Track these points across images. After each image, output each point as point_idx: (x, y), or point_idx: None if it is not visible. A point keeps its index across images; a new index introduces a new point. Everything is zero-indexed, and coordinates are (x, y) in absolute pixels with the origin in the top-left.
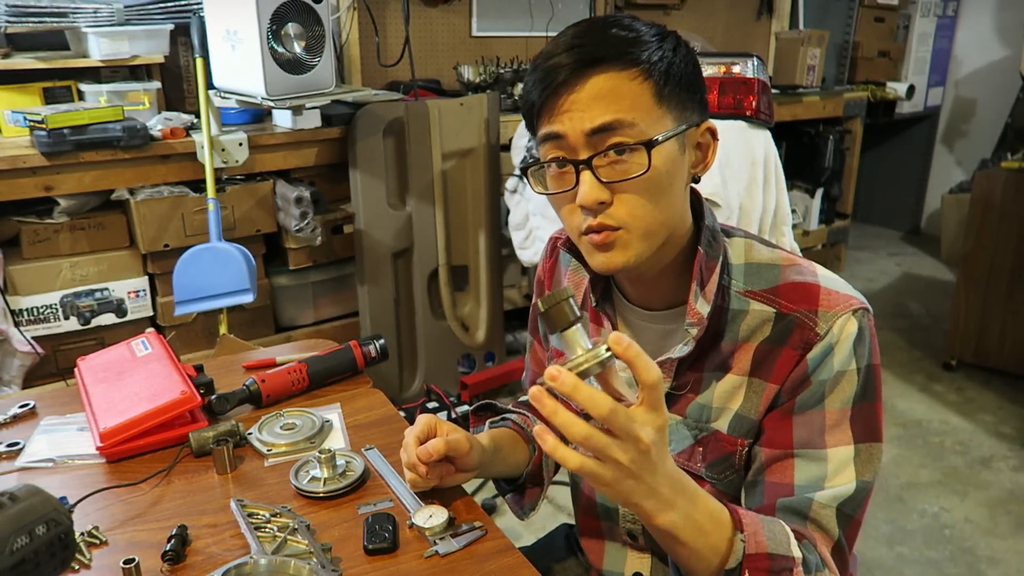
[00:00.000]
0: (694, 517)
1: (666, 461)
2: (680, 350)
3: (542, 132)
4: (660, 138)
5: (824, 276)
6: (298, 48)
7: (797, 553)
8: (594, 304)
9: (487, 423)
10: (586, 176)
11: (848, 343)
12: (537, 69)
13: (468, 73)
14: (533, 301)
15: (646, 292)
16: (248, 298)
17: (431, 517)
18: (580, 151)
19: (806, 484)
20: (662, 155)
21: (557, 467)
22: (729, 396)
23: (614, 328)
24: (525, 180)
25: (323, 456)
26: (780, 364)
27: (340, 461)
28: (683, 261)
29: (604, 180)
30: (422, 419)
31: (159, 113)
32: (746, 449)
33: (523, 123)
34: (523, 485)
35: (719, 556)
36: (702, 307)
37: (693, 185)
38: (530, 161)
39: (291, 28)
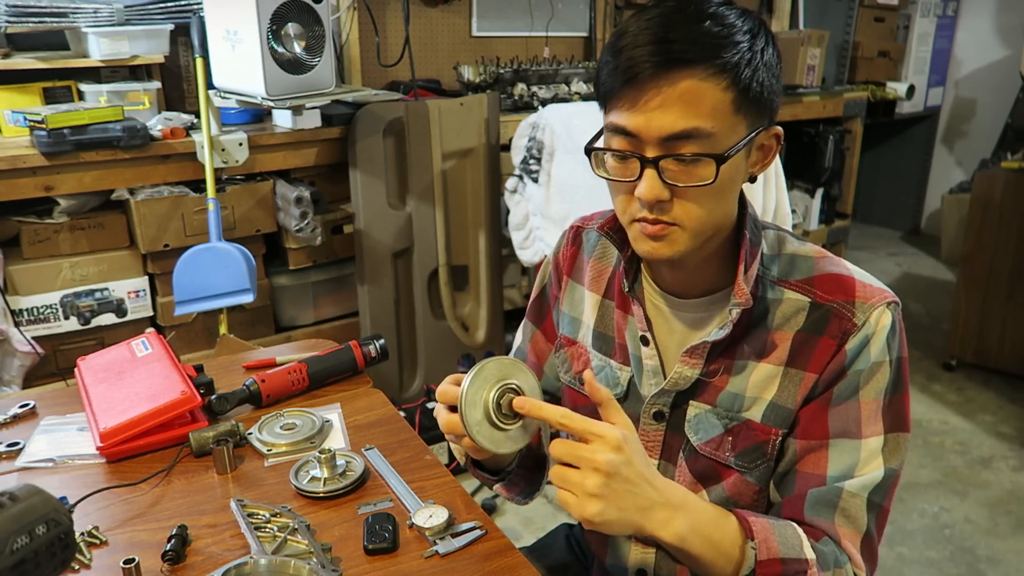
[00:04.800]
0: (700, 528)
1: (652, 472)
2: (717, 332)
3: (615, 122)
4: (731, 153)
5: (855, 269)
6: (298, 48)
7: (810, 554)
8: (627, 289)
9: None
10: (650, 173)
11: (883, 335)
12: (620, 54)
13: (468, 73)
14: (536, 289)
15: (684, 279)
16: (248, 298)
17: (431, 517)
18: (648, 147)
19: (838, 474)
20: (729, 165)
21: None
22: (764, 386)
23: (644, 315)
24: (525, 180)
25: (323, 456)
26: (818, 353)
27: (340, 461)
28: (725, 251)
29: (668, 181)
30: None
31: (159, 113)
32: (780, 439)
33: (523, 123)
34: (511, 472)
35: (732, 563)
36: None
37: None
38: (595, 144)
39: (291, 28)
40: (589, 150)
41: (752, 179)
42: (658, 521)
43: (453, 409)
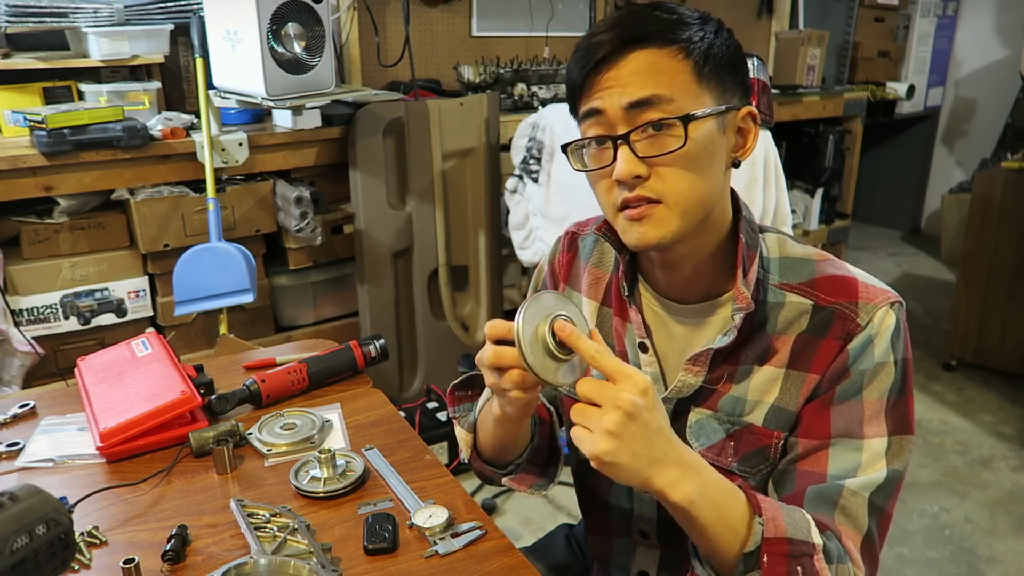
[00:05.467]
0: (709, 495)
1: (667, 431)
2: (721, 339)
3: (583, 110)
4: (698, 114)
5: (857, 271)
6: (298, 48)
7: (818, 540)
8: (626, 293)
9: (481, 400)
10: (623, 151)
11: (887, 335)
12: (579, 50)
13: (468, 73)
14: (531, 291)
15: (682, 283)
16: (248, 298)
17: (431, 517)
18: (618, 126)
19: (839, 473)
20: (700, 131)
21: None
22: (765, 389)
23: (643, 321)
24: (525, 180)
25: (323, 456)
26: (821, 355)
27: (340, 461)
28: (722, 254)
29: (641, 155)
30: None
31: (159, 113)
32: (782, 442)
33: (523, 123)
34: (520, 465)
35: (738, 538)
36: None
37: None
38: (570, 140)
39: (291, 28)
40: (565, 147)
41: (736, 164)
42: (669, 478)
43: (499, 344)
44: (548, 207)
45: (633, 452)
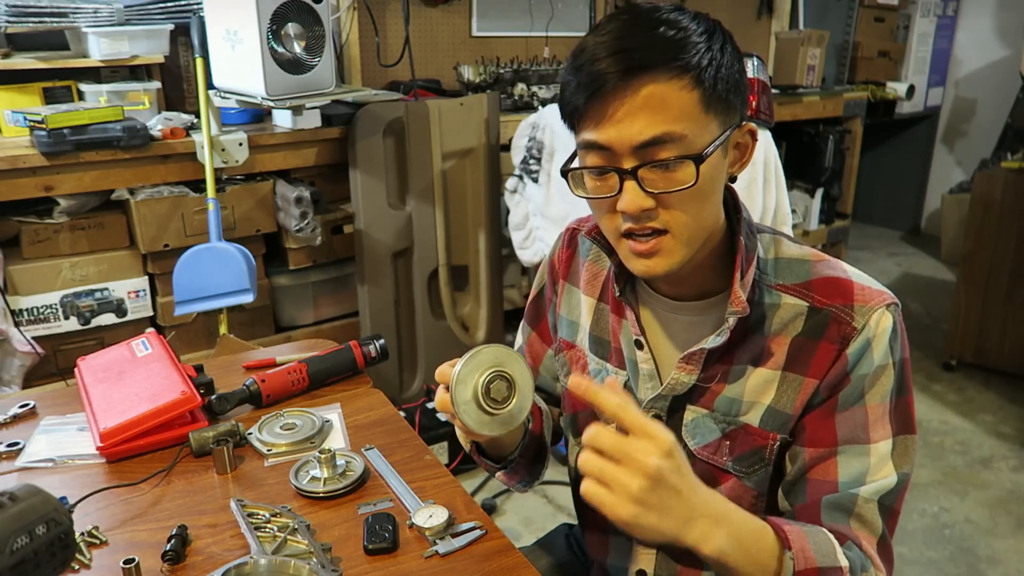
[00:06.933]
0: (740, 541)
1: (696, 481)
2: (714, 340)
3: (587, 138)
4: (709, 151)
5: (853, 272)
6: (298, 48)
7: (844, 562)
8: (618, 294)
9: None
10: (630, 185)
11: (885, 338)
12: (581, 71)
13: (468, 73)
14: (533, 290)
15: (677, 283)
16: (248, 298)
17: (431, 517)
18: (624, 159)
19: (850, 480)
20: (708, 164)
21: (555, 438)
22: (761, 390)
23: (637, 318)
24: (525, 180)
25: (323, 456)
26: (817, 358)
27: (340, 461)
28: (718, 255)
29: (648, 190)
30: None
31: (159, 113)
32: (777, 443)
33: (523, 123)
34: (513, 461)
35: (769, 575)
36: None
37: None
38: (571, 165)
39: (291, 28)
40: (565, 172)
41: (732, 179)
42: (699, 534)
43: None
44: (548, 207)
45: (660, 515)
